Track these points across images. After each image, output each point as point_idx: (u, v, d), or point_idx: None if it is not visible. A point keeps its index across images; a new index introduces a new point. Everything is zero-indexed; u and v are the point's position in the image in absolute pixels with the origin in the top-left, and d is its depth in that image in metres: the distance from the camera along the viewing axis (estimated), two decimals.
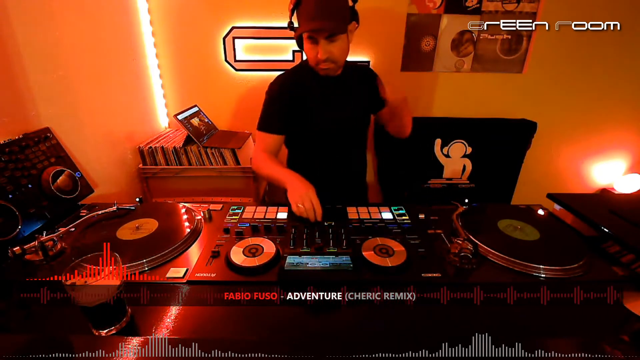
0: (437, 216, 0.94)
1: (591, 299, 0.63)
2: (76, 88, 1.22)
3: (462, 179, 2.10)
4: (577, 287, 0.64)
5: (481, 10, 1.81)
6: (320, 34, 0.94)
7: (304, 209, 0.86)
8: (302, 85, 1.08)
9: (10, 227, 0.78)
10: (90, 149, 1.26)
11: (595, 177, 2.27)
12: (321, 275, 0.68)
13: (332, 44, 0.96)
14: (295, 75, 1.11)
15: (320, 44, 0.95)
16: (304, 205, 0.86)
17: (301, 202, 0.87)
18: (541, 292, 0.64)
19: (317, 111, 1.09)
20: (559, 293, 0.64)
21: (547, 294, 0.64)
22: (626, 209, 0.90)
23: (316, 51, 0.97)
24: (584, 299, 0.63)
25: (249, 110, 1.98)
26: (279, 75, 1.12)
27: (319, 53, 0.96)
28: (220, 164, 1.65)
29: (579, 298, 0.63)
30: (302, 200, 0.87)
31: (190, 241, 0.80)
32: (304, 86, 1.08)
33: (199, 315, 0.60)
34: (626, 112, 2.07)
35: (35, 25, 1.05)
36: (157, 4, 1.72)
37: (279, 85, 1.09)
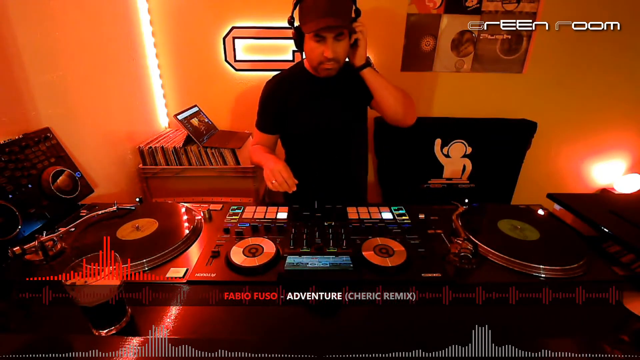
0: (437, 216, 0.94)
1: (591, 299, 0.63)
2: (76, 88, 1.22)
3: (462, 179, 2.10)
4: (577, 287, 0.64)
5: (481, 10, 1.81)
6: (330, 32, 0.92)
7: (278, 184, 0.89)
8: (295, 87, 1.08)
9: (10, 227, 0.78)
10: (90, 149, 1.26)
11: (595, 177, 2.27)
12: (321, 275, 0.68)
13: (338, 43, 0.95)
14: (290, 76, 1.11)
15: (327, 43, 0.94)
16: (276, 180, 0.89)
17: (273, 177, 0.90)
18: (541, 292, 0.64)
19: (312, 112, 1.09)
20: (559, 293, 0.64)
21: (547, 294, 0.64)
22: (626, 209, 0.90)
23: (321, 50, 0.95)
24: (584, 299, 0.63)
25: (249, 110, 1.96)
26: (273, 76, 1.13)
27: (325, 52, 0.94)
28: (220, 164, 1.65)
29: (579, 298, 0.63)
30: (274, 175, 0.90)
31: (190, 241, 0.80)
32: (298, 87, 1.08)
33: (199, 315, 0.60)
34: (626, 112, 2.07)
35: (35, 25, 1.05)
36: (157, 4, 1.72)
37: (271, 87, 1.10)
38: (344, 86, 1.09)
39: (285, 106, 1.09)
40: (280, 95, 1.08)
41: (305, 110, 1.09)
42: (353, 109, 1.13)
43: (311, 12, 0.91)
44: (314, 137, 1.12)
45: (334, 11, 0.90)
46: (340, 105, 1.10)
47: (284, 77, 1.11)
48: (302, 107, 1.08)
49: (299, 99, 1.08)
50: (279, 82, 1.10)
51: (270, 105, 1.10)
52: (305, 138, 1.13)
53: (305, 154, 1.16)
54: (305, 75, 1.08)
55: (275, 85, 1.10)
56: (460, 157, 2.04)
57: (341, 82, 1.08)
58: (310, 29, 0.92)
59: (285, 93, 1.08)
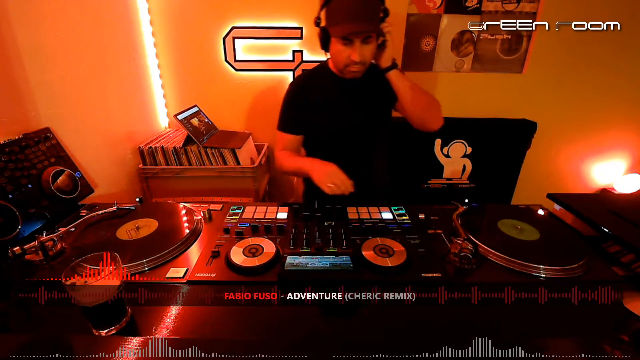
0: (437, 216, 0.94)
1: (591, 299, 0.63)
2: (76, 88, 1.22)
3: (462, 179, 2.10)
4: (577, 287, 0.64)
5: (481, 10, 1.81)
6: (359, 35, 0.90)
7: (335, 187, 0.87)
8: (321, 87, 1.07)
9: (10, 227, 0.78)
10: (90, 149, 1.26)
11: (595, 177, 2.27)
12: (321, 275, 0.68)
13: (366, 46, 0.93)
14: (315, 76, 1.09)
15: (355, 46, 0.92)
16: (334, 183, 0.87)
17: (330, 180, 0.88)
18: (541, 292, 0.64)
19: (337, 113, 1.07)
20: (559, 293, 0.64)
21: (547, 294, 0.64)
22: (626, 209, 0.90)
23: (348, 53, 0.93)
24: (584, 299, 0.63)
25: (249, 110, 1.98)
26: (298, 76, 1.12)
27: (352, 55, 0.93)
28: (220, 164, 1.65)
29: (579, 298, 0.63)
30: (330, 178, 0.89)
31: (190, 241, 0.80)
32: (323, 88, 1.06)
33: (199, 315, 0.60)
34: (626, 112, 2.07)
35: (36, 25, 1.05)
36: (157, 4, 1.72)
37: (297, 87, 1.09)
38: (370, 87, 1.07)
39: (310, 106, 1.07)
40: (306, 95, 1.07)
41: (330, 111, 1.07)
42: (378, 111, 1.11)
43: (340, 15, 0.89)
44: (338, 138, 1.10)
45: (364, 14, 0.87)
46: (365, 107, 1.08)
47: (309, 77, 1.10)
48: (327, 107, 1.07)
49: (324, 99, 1.07)
50: (304, 82, 1.09)
51: (296, 105, 1.08)
52: (329, 139, 1.11)
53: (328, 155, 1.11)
54: (330, 75, 1.07)
55: (301, 85, 1.09)
56: (460, 157, 2.04)
57: (366, 82, 1.06)
58: (339, 33, 0.90)
59: (310, 93, 1.07)
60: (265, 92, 1.93)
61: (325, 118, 1.08)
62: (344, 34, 0.90)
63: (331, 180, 0.88)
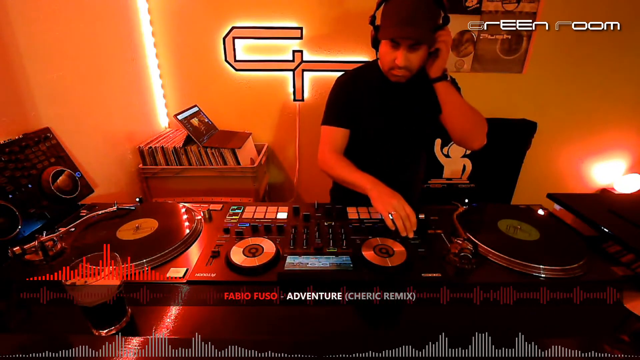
0: (437, 216, 0.94)
1: (591, 298, 0.63)
2: (76, 88, 1.22)
3: (462, 179, 2.10)
4: (577, 287, 0.64)
5: (481, 10, 1.81)
6: (405, 41, 0.88)
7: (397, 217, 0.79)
8: (368, 85, 1.04)
9: (10, 227, 0.78)
10: (90, 149, 1.26)
11: (595, 177, 2.27)
12: (321, 275, 0.68)
13: (413, 53, 0.90)
14: (363, 74, 1.07)
15: (400, 50, 0.89)
16: (399, 214, 0.79)
17: (393, 210, 0.79)
18: (541, 292, 0.64)
19: (372, 113, 1.05)
20: (559, 293, 0.64)
21: (547, 294, 0.64)
22: (626, 209, 0.90)
23: (394, 56, 0.90)
24: (584, 298, 0.63)
25: (249, 110, 1.98)
26: (345, 72, 1.09)
27: (397, 59, 0.90)
28: (220, 164, 1.65)
29: (579, 298, 0.63)
30: (395, 208, 0.79)
31: (190, 241, 0.80)
32: (370, 86, 1.04)
33: (199, 315, 0.60)
34: (626, 112, 2.07)
35: (35, 25, 1.05)
36: (157, 4, 1.72)
37: (346, 81, 1.06)
38: (416, 93, 1.04)
39: (356, 103, 1.04)
40: (353, 91, 1.04)
41: (375, 111, 1.05)
42: (421, 118, 1.07)
43: (391, 17, 0.87)
44: (378, 140, 1.08)
45: (415, 20, 0.84)
46: (408, 113, 1.05)
47: (358, 73, 1.08)
48: (373, 106, 1.04)
49: (370, 98, 1.04)
50: (353, 78, 1.06)
51: (344, 99, 1.05)
52: (370, 139, 1.08)
53: (365, 156, 1.08)
54: (378, 75, 1.04)
55: (350, 80, 1.06)
56: (460, 157, 2.04)
57: (414, 88, 1.02)
58: (384, 36, 0.89)
59: (358, 89, 1.04)
60: (265, 92, 1.93)
61: (370, 117, 1.05)
62: (388, 37, 0.88)
63: (394, 209, 0.79)
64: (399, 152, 1.11)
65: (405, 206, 0.81)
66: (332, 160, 1.01)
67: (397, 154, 1.11)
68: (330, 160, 1.02)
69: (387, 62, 0.94)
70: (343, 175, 0.97)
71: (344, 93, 1.05)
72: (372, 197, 0.85)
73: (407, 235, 0.79)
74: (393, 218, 0.79)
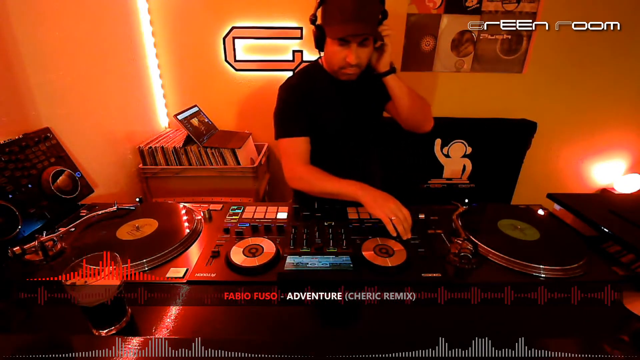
0: (437, 216, 0.94)
1: (591, 299, 0.63)
2: (76, 88, 1.22)
3: (462, 179, 2.10)
4: (576, 287, 0.64)
5: (481, 10, 1.81)
6: (356, 37, 0.87)
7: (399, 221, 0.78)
8: (312, 88, 1.04)
9: (10, 227, 0.78)
10: (90, 149, 1.26)
11: (595, 177, 2.27)
12: (321, 275, 0.68)
13: (363, 49, 0.90)
14: (306, 77, 1.06)
15: (351, 48, 0.88)
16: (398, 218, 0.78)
17: (392, 213, 0.79)
18: (541, 292, 0.64)
19: (329, 114, 1.04)
20: (559, 293, 0.64)
21: (547, 294, 0.64)
22: (626, 209, 0.90)
23: (344, 55, 0.90)
24: (584, 299, 0.63)
25: (249, 110, 1.98)
26: (288, 78, 1.08)
27: (348, 57, 0.89)
28: (220, 164, 1.65)
29: (579, 298, 0.63)
30: (392, 211, 0.79)
31: (190, 241, 0.80)
32: (315, 89, 1.04)
33: (199, 315, 0.60)
34: (626, 112, 2.07)
35: (36, 25, 1.05)
36: (157, 4, 1.72)
37: (294, 88, 1.04)
38: (364, 88, 1.05)
39: (310, 106, 1.03)
40: (305, 95, 1.03)
41: (326, 112, 1.04)
42: (372, 111, 1.09)
43: (337, 15, 0.85)
44: (334, 139, 1.08)
45: (362, 16, 0.84)
46: (360, 108, 1.07)
47: (303, 77, 1.07)
48: (323, 108, 1.04)
49: (319, 100, 1.03)
50: (300, 82, 1.05)
51: (298, 105, 1.02)
52: (325, 140, 1.07)
53: (323, 156, 1.08)
54: (324, 76, 1.04)
55: (297, 85, 1.05)
56: (460, 157, 2.04)
57: (361, 83, 1.03)
58: (335, 35, 0.87)
59: (308, 93, 1.03)
60: (265, 92, 1.93)
61: (322, 119, 1.05)
62: (340, 35, 0.86)
63: (394, 213, 0.79)
64: (359, 147, 1.12)
65: (402, 208, 0.81)
66: (304, 173, 0.96)
67: (358, 149, 1.12)
68: (304, 175, 0.96)
69: (337, 61, 0.93)
70: (323, 187, 0.92)
71: (295, 100, 1.01)
72: (367, 204, 0.83)
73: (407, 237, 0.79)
74: (394, 223, 0.78)
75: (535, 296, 0.64)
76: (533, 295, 0.64)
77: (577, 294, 0.64)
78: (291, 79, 1.07)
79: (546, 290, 0.64)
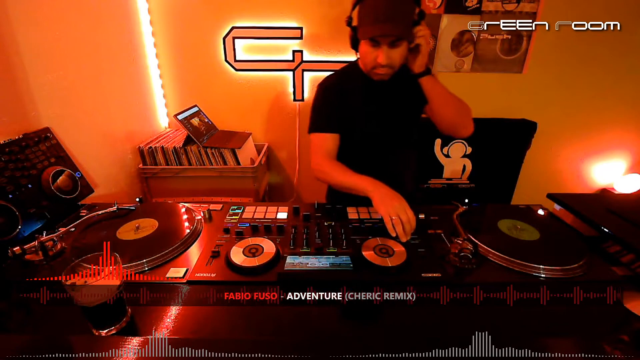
0: (437, 216, 0.94)
1: (591, 299, 0.63)
2: (76, 88, 1.22)
3: (462, 179, 2.10)
4: (577, 287, 0.64)
5: (481, 10, 1.81)
6: (386, 38, 0.87)
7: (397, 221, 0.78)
8: (352, 88, 1.04)
9: (10, 227, 0.78)
10: (90, 149, 1.26)
11: (595, 177, 2.27)
12: (321, 275, 0.68)
13: (394, 50, 0.90)
14: (345, 76, 1.07)
15: (382, 49, 0.89)
16: (399, 218, 0.78)
17: (395, 214, 0.79)
18: (541, 292, 0.64)
19: (363, 114, 1.04)
20: (559, 293, 0.64)
21: (547, 294, 0.64)
22: (626, 209, 0.90)
23: (375, 55, 0.90)
24: (584, 299, 0.63)
25: (249, 110, 1.98)
26: (327, 76, 1.09)
27: (379, 57, 0.90)
28: (220, 164, 1.65)
29: (579, 298, 0.63)
30: (396, 211, 0.79)
31: (190, 241, 0.80)
32: (350, 89, 1.04)
33: (199, 315, 0.60)
34: (626, 112, 2.07)
35: (35, 25, 1.05)
36: (157, 4, 1.72)
37: (328, 86, 1.05)
38: (400, 89, 1.04)
39: (345, 105, 1.03)
40: (338, 94, 1.04)
41: (361, 113, 1.04)
42: (408, 112, 1.08)
43: (368, 16, 0.86)
44: (369, 140, 1.07)
45: (393, 17, 0.84)
46: (395, 110, 1.05)
47: (342, 76, 1.07)
48: (359, 109, 1.04)
49: (357, 99, 1.04)
50: (336, 81, 1.06)
51: (333, 103, 1.04)
52: (360, 140, 1.07)
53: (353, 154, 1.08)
54: (360, 76, 1.04)
55: (332, 84, 1.05)
56: (460, 157, 2.04)
57: (397, 84, 1.03)
58: (364, 35, 0.88)
59: (342, 93, 1.04)
60: (265, 92, 1.93)
61: (356, 120, 1.04)
62: (368, 36, 0.87)
63: (396, 213, 0.79)
64: (391, 150, 1.11)
65: (407, 209, 0.80)
66: (327, 166, 1.00)
67: (390, 152, 1.11)
68: (325, 167, 1.00)
69: (369, 62, 0.94)
70: (341, 180, 0.96)
71: (331, 97, 1.04)
72: (374, 199, 0.85)
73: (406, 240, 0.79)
74: (394, 223, 0.78)
75: (535, 296, 0.64)
76: (533, 295, 0.64)
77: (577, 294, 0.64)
78: (329, 77, 1.09)
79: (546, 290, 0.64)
